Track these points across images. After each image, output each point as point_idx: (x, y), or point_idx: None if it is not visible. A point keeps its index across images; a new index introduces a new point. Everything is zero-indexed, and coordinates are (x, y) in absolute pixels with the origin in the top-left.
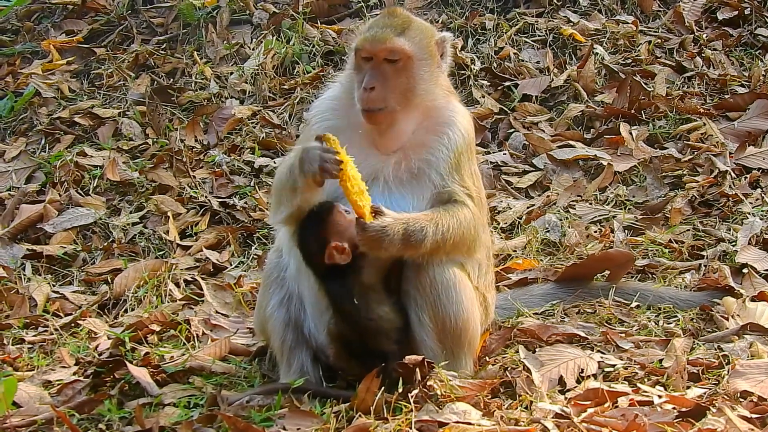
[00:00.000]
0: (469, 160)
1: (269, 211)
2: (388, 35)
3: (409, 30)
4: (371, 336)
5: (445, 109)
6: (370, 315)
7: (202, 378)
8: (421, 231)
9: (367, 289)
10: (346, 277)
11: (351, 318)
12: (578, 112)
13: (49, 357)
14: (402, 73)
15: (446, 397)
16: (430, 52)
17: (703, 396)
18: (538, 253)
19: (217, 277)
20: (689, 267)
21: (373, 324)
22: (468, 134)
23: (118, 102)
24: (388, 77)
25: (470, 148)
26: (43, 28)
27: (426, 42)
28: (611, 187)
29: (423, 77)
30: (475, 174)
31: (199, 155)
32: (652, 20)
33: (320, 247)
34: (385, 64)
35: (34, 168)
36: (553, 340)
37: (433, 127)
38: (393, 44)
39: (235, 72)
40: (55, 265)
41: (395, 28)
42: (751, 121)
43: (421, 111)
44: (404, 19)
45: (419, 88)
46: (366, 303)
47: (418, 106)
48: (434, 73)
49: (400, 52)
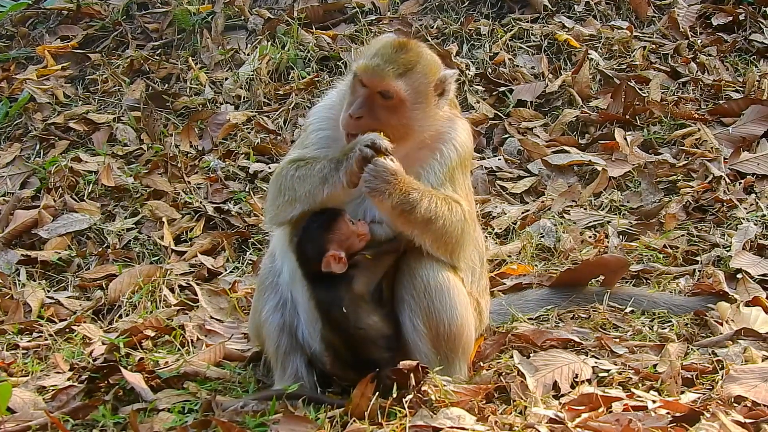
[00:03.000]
0: (462, 174)
1: (267, 213)
2: (388, 74)
3: (412, 72)
4: (360, 345)
5: (444, 130)
6: (359, 324)
7: (196, 383)
8: (418, 196)
9: (357, 299)
10: (337, 285)
11: (339, 326)
12: (573, 118)
13: (43, 362)
14: (394, 112)
15: (440, 402)
16: (426, 95)
17: (697, 401)
18: (533, 258)
19: (212, 282)
20: (683, 272)
21: (362, 333)
22: (463, 148)
23: (113, 107)
24: (378, 111)
25: (464, 162)
26: (38, 34)
27: (425, 85)
28: (606, 193)
29: (416, 117)
30: (467, 188)
31: (194, 161)
32: (646, 26)
33: (318, 254)
34: (378, 97)
35: (28, 173)
36: (547, 346)
37: (427, 143)
38: (388, 85)
39: (230, 77)
40: (49, 270)
41: (398, 68)
42: (745, 127)
43: (418, 141)
44: (410, 58)
45: (414, 126)
46: (355, 312)
47: (415, 140)
48: (431, 111)
49: (395, 94)
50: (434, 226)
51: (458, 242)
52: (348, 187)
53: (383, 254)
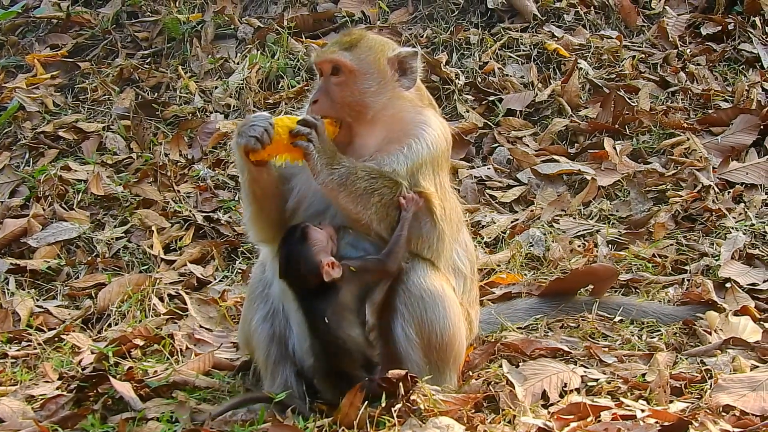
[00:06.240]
0: (434, 172)
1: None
2: (333, 50)
3: (357, 47)
4: (338, 355)
5: (414, 121)
6: (338, 333)
7: (185, 393)
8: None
9: (342, 309)
10: (323, 295)
11: (318, 334)
12: (562, 127)
13: (32, 372)
14: (345, 87)
15: (429, 412)
16: (378, 67)
17: (686, 410)
18: (522, 267)
19: (201, 291)
20: (672, 281)
21: (340, 342)
22: (435, 147)
23: (103, 116)
24: (332, 90)
25: (436, 161)
26: (28, 42)
27: (374, 58)
28: (595, 202)
29: (369, 91)
30: (442, 186)
31: (184, 169)
32: (636, 35)
33: (314, 268)
34: (330, 78)
35: (18, 182)
36: (536, 355)
37: (398, 137)
38: (335, 59)
39: (219, 86)
40: (38, 279)
41: (343, 44)
42: (734, 136)
43: (383, 124)
44: (356, 37)
45: (369, 101)
46: (338, 322)
47: (377, 119)
48: (388, 86)
49: (342, 65)
50: (375, 201)
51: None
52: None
53: (368, 269)
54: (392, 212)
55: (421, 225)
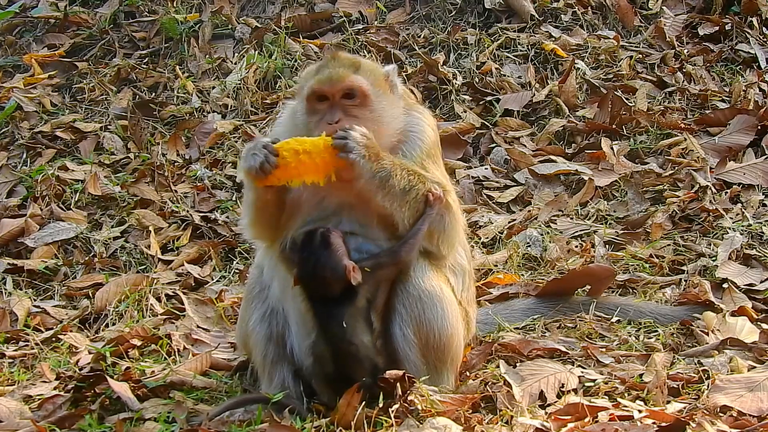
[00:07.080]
0: (434, 162)
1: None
2: (345, 74)
3: (361, 69)
4: (349, 360)
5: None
6: (353, 339)
7: (182, 393)
8: (390, 163)
9: (357, 313)
10: (341, 299)
11: (334, 340)
12: (560, 127)
13: (29, 372)
14: (363, 108)
15: (427, 412)
16: (383, 88)
17: (683, 411)
18: (520, 267)
19: (199, 291)
20: (670, 282)
21: (353, 349)
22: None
23: (100, 116)
24: (349, 111)
25: (431, 151)
26: (25, 42)
27: (377, 78)
28: (592, 202)
29: (384, 109)
30: (444, 175)
31: (181, 169)
32: (633, 36)
33: (340, 273)
34: (342, 101)
35: (15, 182)
36: (533, 355)
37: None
38: (351, 83)
39: (217, 86)
40: (36, 279)
41: (349, 67)
42: (731, 136)
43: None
44: (353, 60)
45: (384, 119)
46: (353, 326)
47: (389, 135)
48: (393, 103)
49: (358, 89)
50: (411, 198)
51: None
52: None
53: (381, 266)
54: (422, 208)
55: (442, 219)
